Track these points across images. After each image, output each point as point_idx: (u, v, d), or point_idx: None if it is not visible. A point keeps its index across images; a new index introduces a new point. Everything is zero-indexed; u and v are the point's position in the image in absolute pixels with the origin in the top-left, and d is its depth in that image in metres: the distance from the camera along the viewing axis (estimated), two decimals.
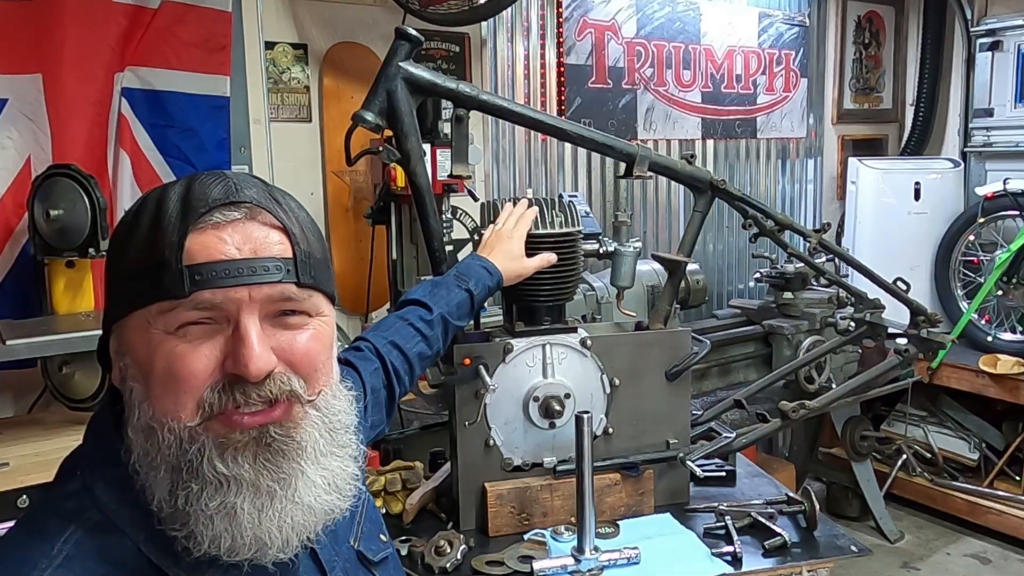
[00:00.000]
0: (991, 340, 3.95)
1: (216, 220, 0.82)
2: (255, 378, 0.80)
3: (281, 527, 0.82)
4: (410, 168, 1.73)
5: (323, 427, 0.87)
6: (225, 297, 0.80)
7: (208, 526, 0.79)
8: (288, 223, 0.86)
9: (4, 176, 2.32)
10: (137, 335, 0.82)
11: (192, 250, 0.80)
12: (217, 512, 0.79)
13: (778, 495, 1.94)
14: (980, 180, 4.41)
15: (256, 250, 0.82)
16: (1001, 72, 4.38)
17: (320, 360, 0.87)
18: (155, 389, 0.81)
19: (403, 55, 1.69)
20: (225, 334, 0.81)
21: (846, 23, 4.71)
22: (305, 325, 0.86)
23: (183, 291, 0.79)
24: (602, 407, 1.84)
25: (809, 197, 4.71)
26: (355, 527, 1.05)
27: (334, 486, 0.87)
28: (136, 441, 0.82)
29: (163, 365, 0.80)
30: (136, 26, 2.43)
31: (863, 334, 2.23)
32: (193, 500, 0.79)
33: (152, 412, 0.81)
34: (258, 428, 0.81)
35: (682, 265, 1.97)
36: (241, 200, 0.84)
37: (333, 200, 3.07)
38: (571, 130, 1.90)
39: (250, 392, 0.81)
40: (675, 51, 3.99)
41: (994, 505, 3.79)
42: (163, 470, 0.80)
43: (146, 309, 0.81)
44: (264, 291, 0.82)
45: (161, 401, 0.80)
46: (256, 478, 0.81)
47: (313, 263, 0.87)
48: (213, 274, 0.80)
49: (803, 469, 4.06)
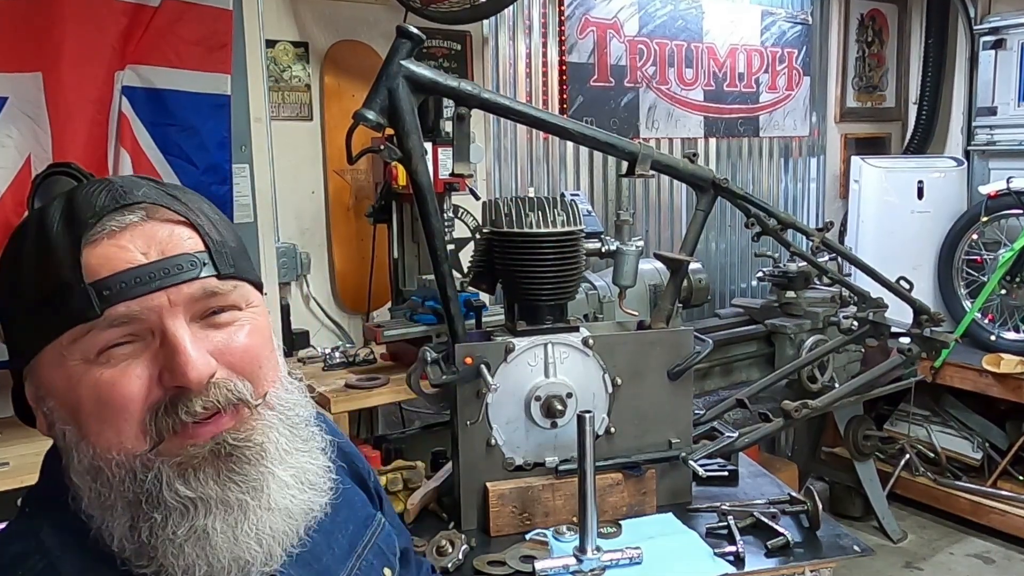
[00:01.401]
0: (994, 339, 3.94)
1: (110, 228, 0.75)
2: (197, 386, 0.74)
3: (260, 539, 0.77)
4: (411, 167, 1.72)
5: (281, 425, 0.81)
6: (142, 307, 0.73)
7: (179, 556, 0.73)
8: (191, 216, 0.79)
9: (4, 175, 2.31)
10: (54, 373, 0.75)
11: (92, 265, 0.73)
12: (187, 539, 0.73)
13: (781, 495, 1.93)
14: (983, 179, 4.40)
15: (164, 250, 0.75)
16: (1004, 70, 4.37)
17: (262, 356, 0.81)
18: (91, 426, 0.74)
19: (404, 53, 1.68)
20: (152, 348, 0.75)
21: (849, 21, 4.70)
22: (237, 320, 0.80)
23: (94, 311, 0.72)
24: (604, 406, 1.83)
25: (812, 196, 4.71)
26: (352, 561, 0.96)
27: (307, 483, 0.82)
28: (83, 485, 0.75)
29: (92, 397, 0.73)
30: (136, 24, 2.42)
31: (866, 333, 2.22)
32: (158, 531, 0.73)
33: (93, 451, 0.74)
34: (212, 439, 0.75)
35: (684, 264, 1.96)
36: (132, 202, 0.77)
37: (334, 199, 3.07)
38: (573, 129, 1.89)
39: (194, 404, 0.74)
40: (677, 49, 3.98)
41: (997, 505, 3.78)
42: (119, 507, 0.74)
43: (56, 342, 0.74)
44: (184, 291, 0.75)
45: (101, 436, 0.74)
46: (223, 493, 0.75)
47: (229, 251, 0.80)
48: (123, 285, 0.73)
49: (806, 469, 4.05)
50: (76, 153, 2.34)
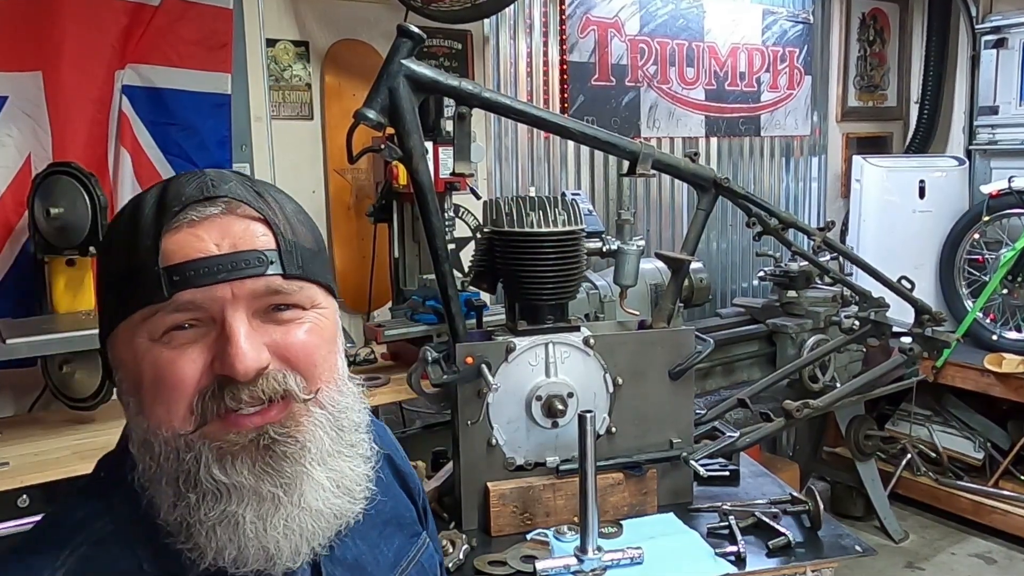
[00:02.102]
0: (996, 339, 3.93)
1: (191, 217, 0.78)
2: (244, 377, 0.76)
3: (288, 535, 0.78)
4: (412, 166, 1.72)
5: (328, 425, 0.82)
6: (207, 296, 0.76)
7: (211, 537, 0.76)
8: (270, 214, 0.82)
9: (4, 174, 2.31)
10: (124, 347, 0.79)
11: (168, 251, 0.77)
12: (219, 522, 0.76)
13: (782, 495, 1.92)
14: (985, 178, 4.40)
15: (236, 244, 0.78)
16: (1006, 69, 4.36)
17: (319, 355, 0.83)
18: (147, 400, 0.78)
19: (405, 52, 1.68)
20: (211, 336, 0.78)
21: (850, 20, 4.69)
22: (299, 319, 0.82)
23: (163, 295, 0.76)
24: (605, 406, 1.82)
25: (813, 195, 4.70)
26: (397, 573, 0.98)
27: (343, 488, 0.83)
28: (138, 456, 0.79)
29: (151, 374, 0.77)
30: (137, 23, 2.43)
31: (867, 333, 2.22)
32: (193, 511, 0.76)
33: (147, 424, 0.78)
34: (255, 430, 0.77)
35: (685, 263, 1.96)
36: (217, 195, 0.80)
37: (335, 198, 3.06)
38: (574, 128, 1.89)
39: (241, 393, 0.77)
40: (678, 48, 3.97)
41: (999, 505, 3.78)
42: (164, 482, 0.77)
43: (129, 319, 0.78)
44: (247, 286, 0.78)
45: (154, 412, 0.77)
46: (257, 484, 0.77)
47: (302, 253, 0.82)
48: (192, 273, 0.76)
49: (807, 468, 4.05)
50: (76, 152, 2.34)
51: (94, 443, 2.04)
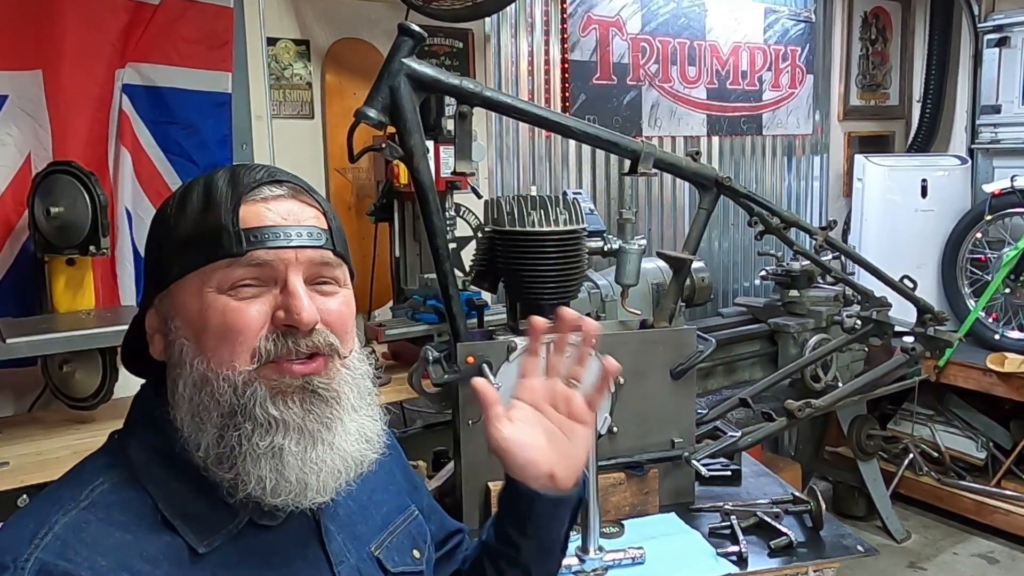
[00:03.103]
0: (998, 338, 3.93)
1: (264, 194, 0.93)
2: (306, 326, 0.90)
3: (321, 471, 0.90)
4: (413, 165, 1.72)
5: (353, 383, 0.96)
6: (276, 256, 0.90)
7: (256, 466, 0.87)
8: (322, 204, 0.98)
9: (4, 173, 2.31)
10: (190, 297, 0.91)
11: (245, 217, 0.91)
12: (265, 452, 0.88)
13: (784, 494, 1.92)
14: (987, 177, 4.39)
15: (299, 220, 0.94)
16: (1008, 68, 4.35)
17: (349, 324, 0.98)
18: (210, 342, 0.89)
19: (406, 51, 1.68)
20: (272, 293, 0.91)
21: (852, 19, 4.68)
22: (337, 292, 0.97)
23: (240, 249, 0.89)
24: (606, 406, 1.82)
25: (815, 194, 4.69)
26: (383, 535, 1.08)
27: (365, 436, 0.96)
28: (187, 395, 0.89)
29: (218, 320, 0.89)
30: (137, 22, 2.42)
31: (869, 332, 2.21)
32: (244, 440, 0.87)
33: (207, 363, 0.89)
34: (303, 377, 0.90)
35: (687, 263, 1.96)
36: (284, 179, 0.96)
37: (336, 197, 3.06)
38: (575, 127, 1.89)
39: (300, 341, 0.90)
40: (680, 47, 3.96)
41: (1002, 505, 3.77)
42: (215, 416, 0.88)
43: (201, 271, 0.90)
44: (308, 253, 0.92)
45: (218, 352, 0.88)
46: (303, 421, 0.90)
47: (342, 239, 0.99)
48: (266, 236, 0.90)
49: (809, 468, 4.04)
50: (76, 151, 2.33)
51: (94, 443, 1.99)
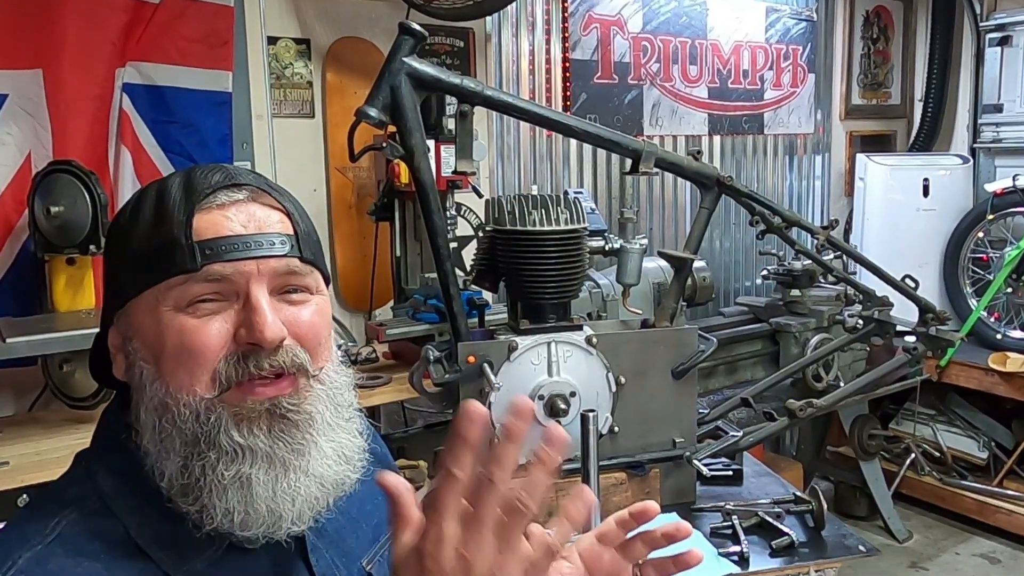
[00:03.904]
0: (1000, 338, 3.92)
1: (220, 201, 0.86)
2: (270, 344, 0.83)
3: (295, 499, 0.84)
4: (414, 164, 1.71)
5: (328, 400, 0.89)
6: (235, 270, 0.84)
7: (222, 498, 0.81)
8: (287, 205, 0.91)
9: (4, 172, 2.30)
10: (145, 316, 0.85)
11: (199, 228, 0.84)
12: (232, 483, 0.81)
13: (785, 494, 1.92)
14: (989, 176, 4.38)
15: (260, 227, 0.86)
16: (1010, 67, 4.35)
17: (322, 335, 0.90)
18: (168, 365, 0.83)
19: (407, 50, 1.67)
20: (234, 308, 0.84)
21: (854, 18, 4.68)
22: (307, 301, 0.90)
23: (195, 264, 0.82)
24: (608, 406, 1.82)
25: (817, 193, 4.69)
26: (375, 548, 1.03)
27: (344, 456, 0.89)
28: (147, 422, 0.84)
29: (175, 341, 0.82)
30: (137, 21, 2.42)
31: (871, 332, 2.21)
32: (209, 470, 0.81)
33: (166, 389, 0.83)
34: (270, 400, 0.84)
35: (688, 262, 1.95)
36: (242, 183, 0.88)
37: (336, 197, 3.05)
38: (576, 126, 1.88)
39: (263, 361, 0.84)
40: (681, 46, 3.96)
41: (1004, 504, 3.77)
42: (178, 444, 0.82)
43: (155, 288, 0.83)
44: (271, 264, 0.86)
45: (176, 376, 0.82)
46: (271, 448, 0.83)
47: (311, 243, 0.91)
48: (223, 248, 0.83)
49: (810, 468, 4.04)
50: (76, 150, 2.33)
51: None
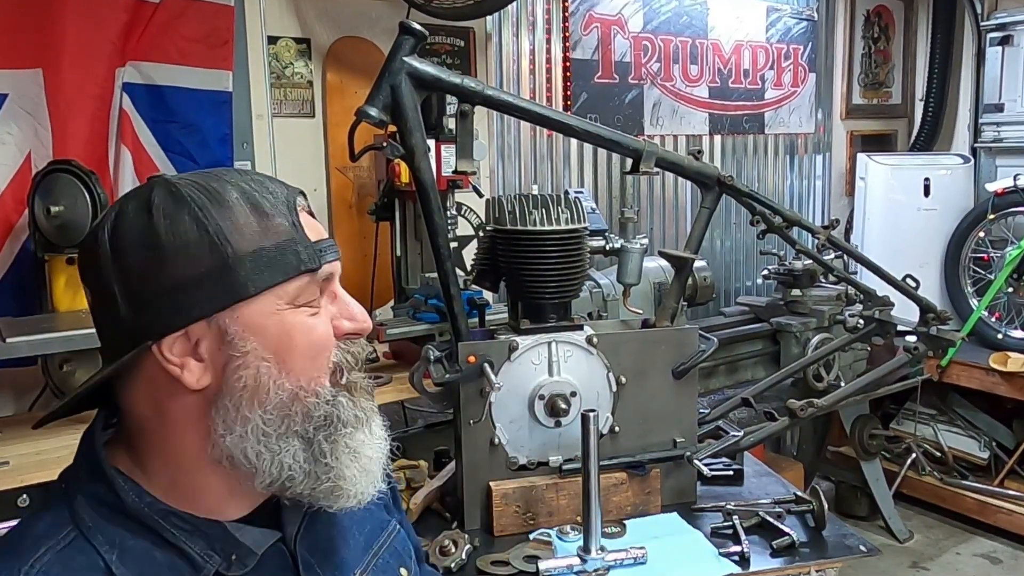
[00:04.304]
0: (1001, 337, 3.91)
1: (303, 204, 0.92)
2: (367, 332, 0.94)
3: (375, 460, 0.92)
4: (414, 164, 1.71)
5: None
6: (331, 269, 0.90)
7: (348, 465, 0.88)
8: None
9: (4, 172, 2.30)
10: (264, 316, 0.85)
11: (306, 230, 0.88)
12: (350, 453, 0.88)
13: (786, 494, 1.91)
14: (990, 176, 4.37)
15: (321, 233, 0.92)
16: (1011, 67, 4.34)
17: None
18: (296, 362, 0.86)
19: (407, 50, 1.67)
20: (323, 306, 0.90)
21: (855, 17, 4.67)
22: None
23: (317, 264, 0.87)
24: (608, 405, 1.81)
25: (817, 193, 4.69)
26: (369, 557, 1.03)
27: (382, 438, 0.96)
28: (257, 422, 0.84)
29: (304, 337, 0.87)
30: (137, 20, 2.42)
31: (872, 331, 2.20)
32: (340, 439, 0.88)
33: (295, 383, 0.86)
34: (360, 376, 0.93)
35: (689, 262, 1.95)
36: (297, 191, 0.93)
37: (336, 196, 3.05)
38: (577, 126, 1.88)
39: (360, 346, 0.94)
40: (682, 46, 3.96)
41: (1005, 504, 3.76)
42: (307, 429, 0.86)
43: (279, 288, 0.85)
44: (336, 266, 0.92)
45: (306, 370, 0.87)
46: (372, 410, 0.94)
47: None
48: (322, 250, 0.89)
49: (811, 468, 4.03)
50: (77, 150, 2.33)
51: None
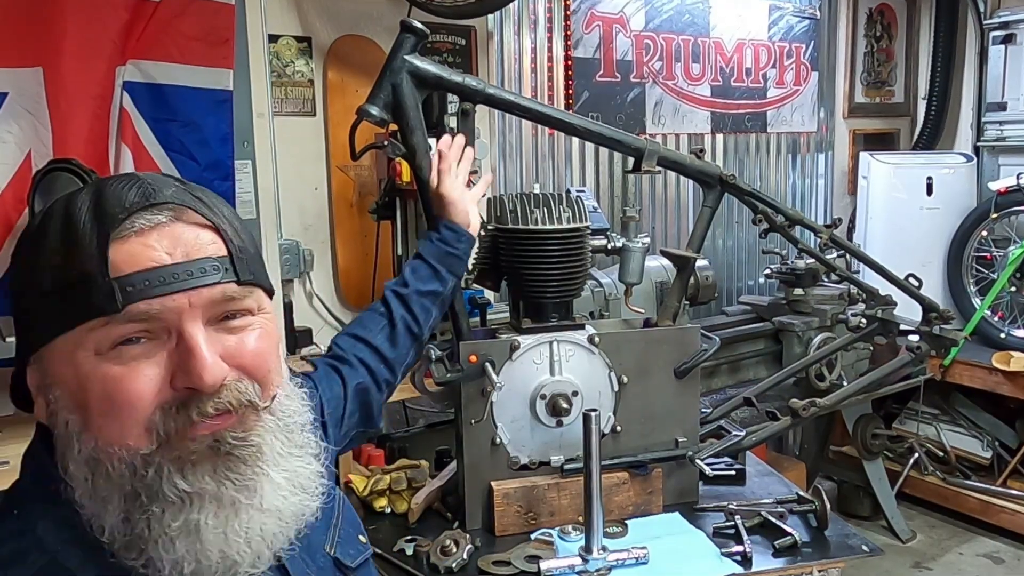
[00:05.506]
0: (1004, 337, 3.90)
1: (139, 226, 0.75)
2: (210, 389, 0.75)
3: (250, 540, 0.77)
4: (415, 163, 1.71)
5: (279, 430, 0.82)
6: (163, 307, 0.74)
7: (169, 549, 0.74)
8: (216, 220, 0.81)
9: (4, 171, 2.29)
10: (63, 363, 0.75)
11: (117, 261, 0.74)
12: (179, 533, 0.74)
13: (788, 494, 1.91)
14: (993, 175, 4.36)
15: (189, 253, 0.76)
16: (1014, 65, 4.33)
17: (271, 361, 0.83)
18: (95, 419, 0.74)
19: (408, 48, 1.67)
20: (167, 348, 0.75)
21: (857, 16, 4.66)
22: (250, 325, 0.81)
23: (115, 306, 0.72)
24: (610, 405, 1.81)
25: (820, 192, 4.68)
26: (331, 532, 1.01)
27: (299, 486, 0.83)
28: (78, 475, 0.76)
29: (100, 392, 0.74)
30: (138, 19, 2.41)
31: (874, 331, 2.20)
32: (155, 523, 0.74)
33: (96, 443, 0.75)
34: (212, 436, 0.76)
35: (691, 261, 1.94)
36: (162, 201, 0.78)
37: (338, 195, 3.05)
38: (578, 124, 1.88)
39: (205, 406, 0.75)
40: (684, 44, 3.95)
41: (1007, 504, 3.76)
42: (115, 499, 0.74)
43: (72, 332, 0.74)
44: (204, 295, 0.76)
45: (105, 431, 0.74)
46: (218, 489, 0.76)
47: (248, 258, 0.82)
48: (146, 283, 0.73)
49: (814, 468, 4.02)
50: (77, 149, 2.32)
51: None
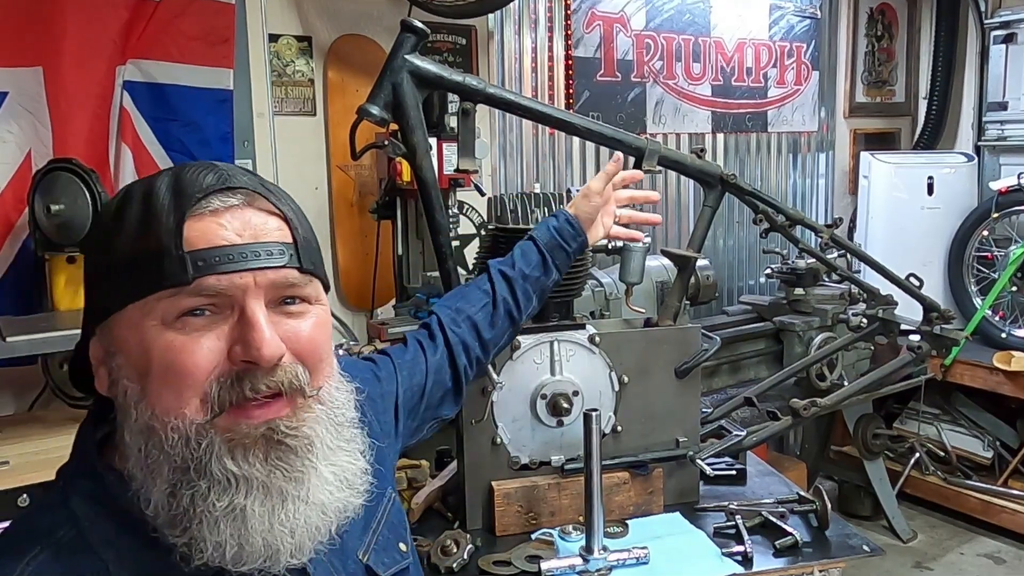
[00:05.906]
0: (1005, 336, 3.90)
1: (214, 206, 0.80)
2: (268, 363, 0.77)
3: (294, 531, 0.78)
4: (416, 162, 1.70)
5: (328, 422, 0.84)
6: (230, 283, 0.78)
7: (213, 531, 0.75)
8: (284, 210, 0.85)
9: (4, 171, 2.30)
10: (130, 331, 0.78)
11: (191, 237, 0.77)
12: (225, 515, 0.75)
13: (789, 494, 1.91)
14: (994, 174, 4.36)
15: (257, 235, 0.80)
16: (1015, 65, 4.33)
17: (324, 350, 0.85)
18: (154, 386, 0.77)
19: (409, 48, 1.66)
20: (228, 323, 0.78)
21: (858, 15, 4.66)
22: (307, 312, 0.84)
23: (186, 277, 0.76)
24: (611, 405, 1.81)
25: (820, 192, 4.67)
26: (369, 536, 1.00)
27: (346, 482, 0.84)
28: (132, 444, 0.78)
29: (161, 359, 0.76)
30: (138, 18, 2.41)
31: (875, 331, 2.20)
32: (199, 500, 0.75)
33: (152, 411, 0.77)
34: (266, 423, 0.78)
35: (692, 261, 1.94)
36: (236, 186, 0.82)
37: (338, 195, 3.05)
38: (579, 124, 1.87)
39: (259, 381, 0.78)
40: (685, 44, 3.95)
41: (1008, 504, 3.75)
42: (166, 470, 0.76)
43: (143, 301, 0.77)
44: (269, 276, 0.80)
45: (162, 398, 0.76)
46: (267, 478, 0.77)
47: (311, 249, 0.86)
48: (216, 260, 0.77)
49: (814, 468, 4.02)
50: (77, 148, 2.33)
51: None
